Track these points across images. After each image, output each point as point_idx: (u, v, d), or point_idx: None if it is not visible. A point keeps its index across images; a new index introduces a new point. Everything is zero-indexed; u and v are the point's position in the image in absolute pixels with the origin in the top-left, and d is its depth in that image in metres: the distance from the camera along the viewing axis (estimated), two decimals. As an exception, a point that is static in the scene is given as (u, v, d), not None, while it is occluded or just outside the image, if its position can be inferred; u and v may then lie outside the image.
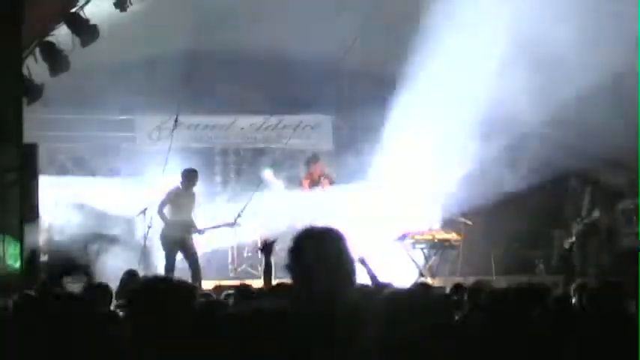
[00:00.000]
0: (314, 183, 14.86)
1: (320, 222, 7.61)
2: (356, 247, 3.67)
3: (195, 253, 13.20)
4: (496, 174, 15.24)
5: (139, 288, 3.91)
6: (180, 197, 13.29)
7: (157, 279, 4.11)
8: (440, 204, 15.76)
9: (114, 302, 7.26)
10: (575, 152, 15.12)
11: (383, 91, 15.25)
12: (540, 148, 15.50)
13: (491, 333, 4.92)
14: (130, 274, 9.46)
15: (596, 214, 13.93)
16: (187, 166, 16.71)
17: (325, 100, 16.56)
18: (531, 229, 16.18)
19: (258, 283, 8.38)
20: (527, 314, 5.15)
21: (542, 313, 5.35)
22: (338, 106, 17.17)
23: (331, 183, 14.76)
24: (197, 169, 17.01)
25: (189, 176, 13.47)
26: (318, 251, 3.50)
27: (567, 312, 5.75)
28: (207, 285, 11.18)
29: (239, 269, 15.98)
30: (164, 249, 13.05)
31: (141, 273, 10.18)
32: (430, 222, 15.55)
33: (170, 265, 12.93)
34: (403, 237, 14.77)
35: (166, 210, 13.16)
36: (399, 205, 16.19)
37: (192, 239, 13.23)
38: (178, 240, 12.97)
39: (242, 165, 17.88)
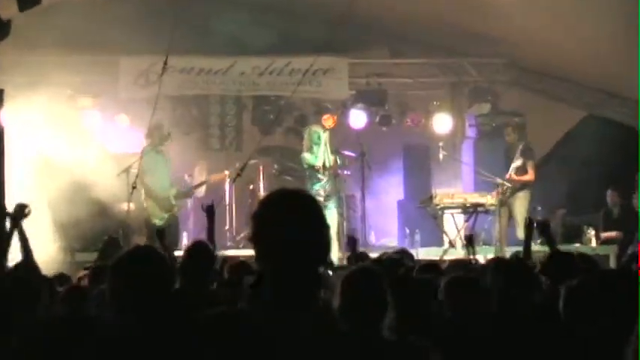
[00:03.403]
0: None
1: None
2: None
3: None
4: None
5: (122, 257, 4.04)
6: (152, 160, 13.40)
7: (140, 249, 4.25)
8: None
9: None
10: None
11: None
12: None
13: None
14: (111, 241, 9.58)
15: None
16: (179, 115, 16.99)
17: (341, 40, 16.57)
18: (579, 190, 16.25)
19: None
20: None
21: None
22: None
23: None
24: (191, 119, 17.26)
25: (155, 132, 13.53)
26: (293, 218, 3.21)
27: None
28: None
29: (238, 237, 16.16)
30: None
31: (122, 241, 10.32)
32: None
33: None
34: (429, 200, 14.84)
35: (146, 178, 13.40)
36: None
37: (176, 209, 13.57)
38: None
39: (242, 115, 18.04)
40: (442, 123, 17.52)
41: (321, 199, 13.55)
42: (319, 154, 14.07)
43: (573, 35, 14.56)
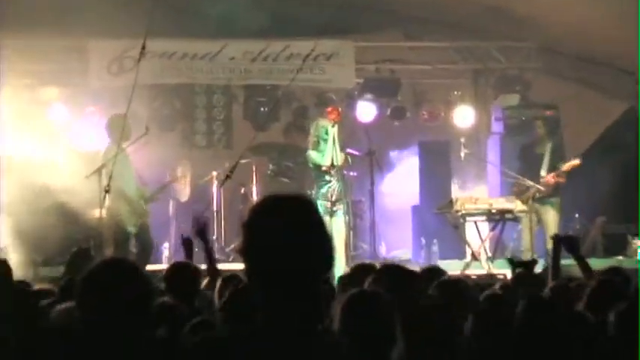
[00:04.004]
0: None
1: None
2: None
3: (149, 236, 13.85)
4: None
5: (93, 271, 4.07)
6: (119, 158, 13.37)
7: (115, 261, 4.27)
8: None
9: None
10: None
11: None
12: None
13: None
14: (81, 253, 9.59)
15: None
16: (158, 108, 16.96)
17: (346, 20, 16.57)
18: (622, 195, 16.22)
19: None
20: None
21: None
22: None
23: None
24: (173, 112, 17.20)
25: (114, 126, 13.55)
26: (290, 227, 3.21)
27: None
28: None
29: (227, 249, 16.22)
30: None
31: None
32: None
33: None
34: (449, 205, 14.83)
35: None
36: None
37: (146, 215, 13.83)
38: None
39: (232, 107, 18.04)
40: (464, 116, 17.56)
41: (328, 204, 13.49)
42: (327, 152, 13.94)
43: (615, 14, 14.52)
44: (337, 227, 13.27)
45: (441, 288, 5.85)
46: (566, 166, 14.84)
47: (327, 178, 13.80)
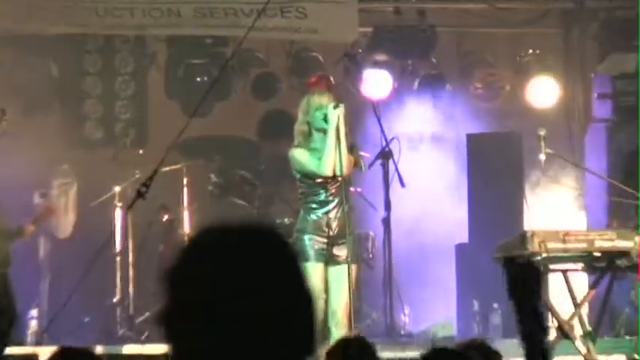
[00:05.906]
0: None
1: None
2: None
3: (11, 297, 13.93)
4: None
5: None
6: None
7: None
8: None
9: None
10: None
11: None
12: None
13: None
14: None
15: None
16: (23, 77, 16.91)
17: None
18: None
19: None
20: None
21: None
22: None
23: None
24: (48, 84, 17.09)
25: None
26: (247, 283, 3.24)
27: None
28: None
29: (139, 319, 16.18)
30: None
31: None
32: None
33: None
34: (520, 244, 14.40)
35: None
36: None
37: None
38: None
39: (147, 75, 18.14)
40: (544, 91, 17.68)
41: (322, 242, 12.97)
42: (327, 151, 13.31)
43: None
44: (338, 283, 12.78)
45: None
46: None
47: (325, 196, 13.31)
